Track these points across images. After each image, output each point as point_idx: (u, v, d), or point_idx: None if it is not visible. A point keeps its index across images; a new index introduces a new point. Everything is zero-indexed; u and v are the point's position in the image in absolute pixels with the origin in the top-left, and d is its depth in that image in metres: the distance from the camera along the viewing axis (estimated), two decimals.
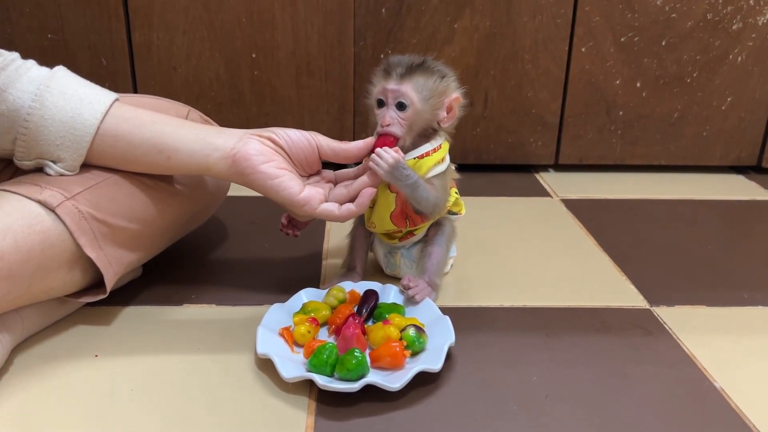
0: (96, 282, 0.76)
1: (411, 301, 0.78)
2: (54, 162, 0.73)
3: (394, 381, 0.64)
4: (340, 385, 0.64)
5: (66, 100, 0.72)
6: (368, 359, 0.68)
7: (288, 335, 0.72)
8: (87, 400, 0.65)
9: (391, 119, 0.75)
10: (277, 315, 0.75)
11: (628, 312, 0.83)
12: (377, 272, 0.90)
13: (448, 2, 1.23)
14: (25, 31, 1.21)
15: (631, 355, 0.74)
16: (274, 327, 0.73)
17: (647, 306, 0.85)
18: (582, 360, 0.73)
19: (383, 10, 1.23)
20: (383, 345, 0.69)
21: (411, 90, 0.74)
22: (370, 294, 0.79)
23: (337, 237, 1.02)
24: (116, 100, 0.75)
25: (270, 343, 0.70)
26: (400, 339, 0.70)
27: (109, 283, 0.74)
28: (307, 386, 0.67)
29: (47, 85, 0.71)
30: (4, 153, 0.74)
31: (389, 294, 0.80)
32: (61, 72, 0.74)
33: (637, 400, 0.67)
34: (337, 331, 0.73)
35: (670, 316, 0.82)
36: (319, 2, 1.22)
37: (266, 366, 0.69)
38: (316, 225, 1.06)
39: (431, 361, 0.67)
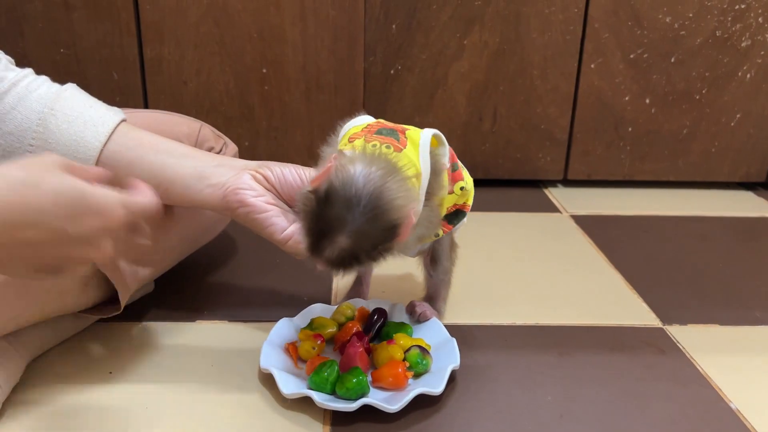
0: (109, 298, 0.76)
1: (419, 320, 0.78)
2: None
3: (393, 402, 0.64)
4: (338, 404, 0.64)
5: (70, 123, 0.71)
6: (370, 378, 0.68)
7: (293, 351, 0.72)
8: (102, 419, 0.65)
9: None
10: (285, 330, 0.75)
11: (640, 330, 0.83)
12: (388, 288, 0.90)
13: (457, 18, 1.24)
14: (38, 46, 1.22)
15: (644, 375, 0.74)
16: (281, 342, 0.73)
17: (660, 324, 0.85)
18: (596, 379, 0.73)
19: (393, 26, 1.24)
20: (386, 365, 0.69)
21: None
22: (379, 313, 0.78)
23: None
24: (122, 121, 0.74)
25: (274, 358, 0.70)
26: (404, 359, 0.70)
27: (124, 299, 0.74)
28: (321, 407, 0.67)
29: (51, 107, 0.71)
30: None
31: (398, 313, 0.80)
32: (67, 92, 0.73)
33: (651, 420, 0.66)
34: (341, 348, 0.73)
35: (683, 335, 0.82)
36: (330, 18, 1.23)
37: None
38: None
39: (433, 383, 0.67)
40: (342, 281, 0.93)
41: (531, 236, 1.13)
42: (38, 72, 0.77)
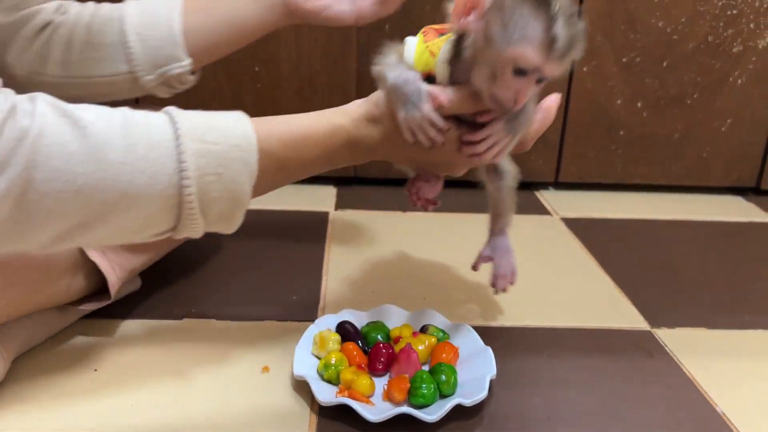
0: (98, 289, 0.76)
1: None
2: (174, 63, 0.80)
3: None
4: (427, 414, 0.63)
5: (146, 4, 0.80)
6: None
7: (357, 395, 0.65)
8: (87, 415, 0.64)
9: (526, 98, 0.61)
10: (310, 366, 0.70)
11: (629, 333, 0.83)
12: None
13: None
14: None
15: (632, 377, 0.74)
16: (327, 389, 0.67)
17: (648, 328, 0.85)
18: (583, 381, 0.73)
19: (387, 26, 1.24)
20: (436, 349, 0.72)
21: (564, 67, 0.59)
22: (347, 324, 0.76)
23: (336, 251, 1.02)
24: None
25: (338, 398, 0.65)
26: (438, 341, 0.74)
27: (113, 288, 0.74)
28: (308, 402, 0.67)
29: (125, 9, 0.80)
30: (121, 79, 0.79)
31: (356, 319, 0.78)
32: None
33: (638, 422, 0.67)
34: (373, 366, 0.70)
35: (671, 338, 0.82)
36: None
37: (266, 382, 0.69)
38: (316, 237, 1.06)
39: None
40: (329, 283, 0.92)
41: (521, 239, 1.12)
42: None
